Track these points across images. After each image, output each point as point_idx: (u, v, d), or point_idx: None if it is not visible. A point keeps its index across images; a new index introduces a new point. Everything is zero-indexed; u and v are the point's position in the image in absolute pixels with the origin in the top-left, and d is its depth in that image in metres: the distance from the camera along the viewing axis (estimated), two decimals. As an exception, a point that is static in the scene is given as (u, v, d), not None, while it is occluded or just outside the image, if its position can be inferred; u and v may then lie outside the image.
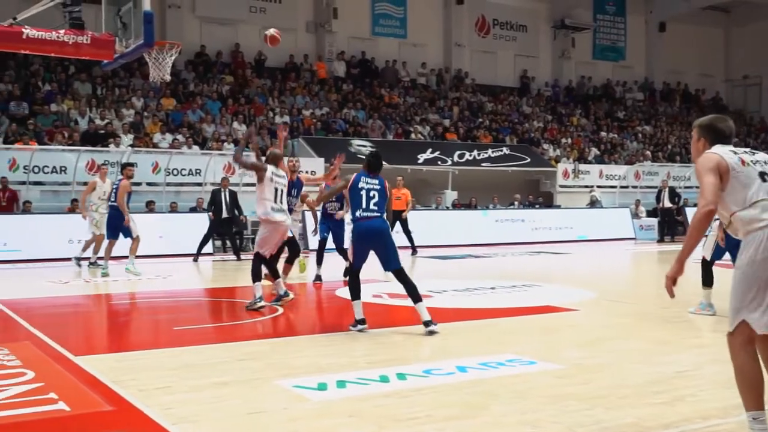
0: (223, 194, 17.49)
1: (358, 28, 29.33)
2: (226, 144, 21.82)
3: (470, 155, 25.53)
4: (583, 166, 27.37)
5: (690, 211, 24.19)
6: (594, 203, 25.77)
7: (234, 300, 10.61)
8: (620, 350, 6.88)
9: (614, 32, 35.18)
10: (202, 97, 24.16)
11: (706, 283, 8.87)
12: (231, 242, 18.06)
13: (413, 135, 26.31)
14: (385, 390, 5.44)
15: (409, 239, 18.24)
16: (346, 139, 24.47)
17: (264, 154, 10.11)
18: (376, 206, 7.73)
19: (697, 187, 4.25)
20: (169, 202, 19.58)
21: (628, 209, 25.45)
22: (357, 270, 7.88)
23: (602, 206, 25.84)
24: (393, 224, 18.18)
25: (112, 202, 13.62)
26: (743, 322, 4.09)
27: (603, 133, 31.33)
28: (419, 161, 24.30)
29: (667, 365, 6.19)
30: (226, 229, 17.90)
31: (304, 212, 13.15)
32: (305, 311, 10.02)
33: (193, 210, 19.38)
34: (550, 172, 26.91)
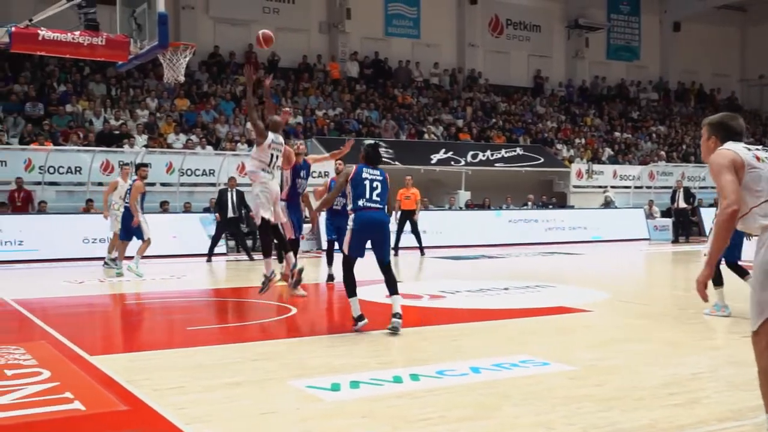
0: (230, 194, 17.48)
1: (372, 28, 29.33)
2: (239, 144, 21.87)
3: (483, 155, 25.48)
4: (596, 167, 27.28)
5: (705, 212, 24.08)
6: (608, 204, 25.67)
7: (247, 300, 10.64)
8: (634, 352, 6.84)
9: (628, 32, 35.02)
10: (216, 98, 24.24)
11: (717, 283, 8.82)
12: (241, 242, 18.03)
13: (426, 135, 26.29)
14: (398, 390, 5.44)
15: (418, 240, 18.19)
16: (359, 139, 24.36)
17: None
18: (378, 197, 7.69)
19: (713, 187, 4.22)
20: (182, 203, 19.66)
21: (642, 210, 25.34)
22: (352, 262, 7.82)
23: (616, 207, 25.74)
24: (403, 224, 18.24)
25: (127, 203, 13.69)
26: (767, 321, 4.04)
27: (617, 134, 31.21)
28: (432, 161, 24.28)
29: (682, 367, 6.16)
30: (234, 228, 17.90)
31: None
32: (318, 311, 10.03)
33: (206, 210, 19.45)
34: (564, 172, 26.83)
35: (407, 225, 18.26)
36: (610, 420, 4.72)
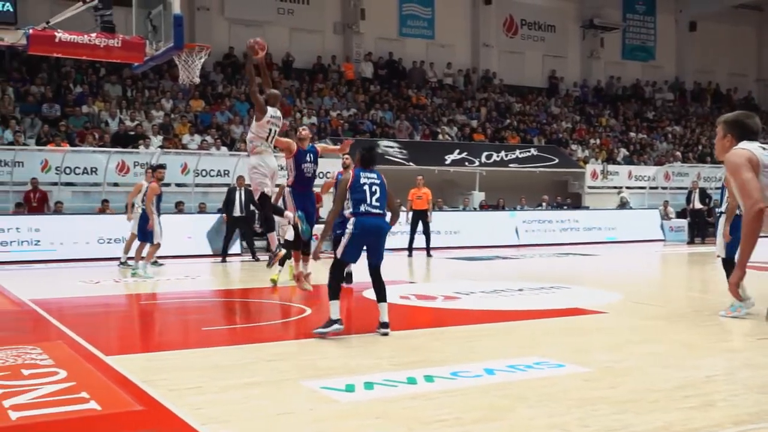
0: (238, 193, 17.39)
1: (386, 29, 29.34)
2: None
3: (498, 156, 25.44)
4: (611, 167, 27.17)
5: (721, 213, 23.88)
6: (623, 205, 25.56)
7: (261, 301, 10.66)
8: (649, 353, 6.81)
9: (644, 32, 34.84)
10: (231, 99, 24.32)
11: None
12: (248, 242, 17.74)
13: (440, 136, 26.28)
14: (412, 392, 5.44)
15: (427, 241, 18.12)
16: (373, 140, 24.48)
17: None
18: (378, 202, 7.62)
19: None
20: (197, 203, 19.74)
21: (658, 210, 25.22)
22: (344, 266, 7.75)
23: (631, 207, 25.63)
24: (416, 224, 18.17)
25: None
26: None
27: (632, 134, 31.07)
28: (446, 162, 24.26)
29: (697, 369, 6.12)
30: (241, 227, 17.74)
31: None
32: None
33: (219, 211, 19.48)
34: (579, 173, 26.74)
35: (419, 225, 18.18)
36: (625, 422, 4.70)
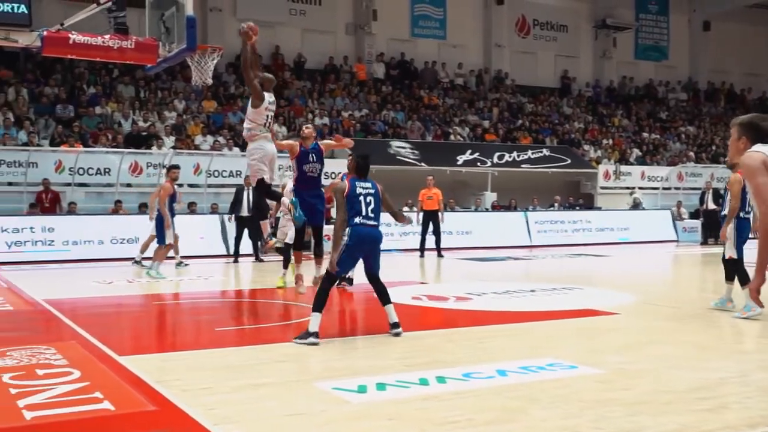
0: (246, 192, 17.15)
1: (398, 29, 29.33)
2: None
3: (510, 156, 25.39)
4: (624, 168, 27.06)
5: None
6: (636, 205, 25.46)
7: (273, 301, 10.68)
8: (662, 355, 6.78)
9: (657, 31, 34.69)
10: (243, 99, 24.36)
11: (730, 278, 9.28)
12: (253, 242, 17.23)
13: (452, 136, 26.25)
14: (424, 393, 5.44)
15: (437, 242, 18.08)
16: (385, 140, 24.50)
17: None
18: (373, 213, 7.59)
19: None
20: (209, 204, 19.79)
21: (670, 211, 25.10)
22: (336, 279, 7.58)
23: (644, 208, 25.53)
24: (427, 225, 18.14)
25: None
26: None
27: (645, 134, 30.94)
28: (458, 162, 24.23)
29: (711, 371, 6.09)
30: (249, 227, 17.45)
31: None
32: (343, 313, 10.04)
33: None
34: (591, 173, 26.65)
35: (430, 225, 18.13)
36: (639, 424, 4.68)
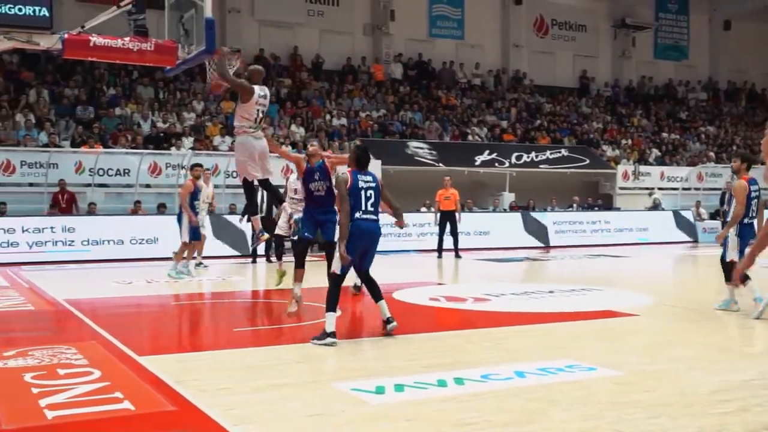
0: (260, 193, 17.03)
1: (415, 29, 29.31)
2: (283, 146, 22.02)
3: (528, 157, 25.31)
4: (643, 168, 26.89)
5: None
6: (656, 206, 25.28)
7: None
8: (682, 357, 6.74)
9: (677, 31, 34.45)
10: (262, 100, 24.42)
11: (730, 279, 9.23)
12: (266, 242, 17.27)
13: (470, 137, 26.21)
14: (443, 394, 5.44)
15: (455, 242, 18.06)
16: (403, 141, 24.49)
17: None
18: (373, 207, 7.58)
19: (766, 189, 4.19)
20: (228, 204, 19.86)
21: (690, 211, 24.93)
22: (343, 277, 7.53)
23: (663, 209, 25.36)
24: (444, 225, 18.12)
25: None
26: None
27: (664, 134, 30.74)
28: (476, 163, 24.18)
29: (732, 373, 6.05)
30: (264, 227, 17.27)
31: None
32: (360, 314, 10.05)
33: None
34: (610, 173, 26.51)
35: (447, 226, 18.10)
36: (659, 427, 4.66)
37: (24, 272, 14.55)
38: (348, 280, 8.01)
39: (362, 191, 7.49)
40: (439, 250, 18.00)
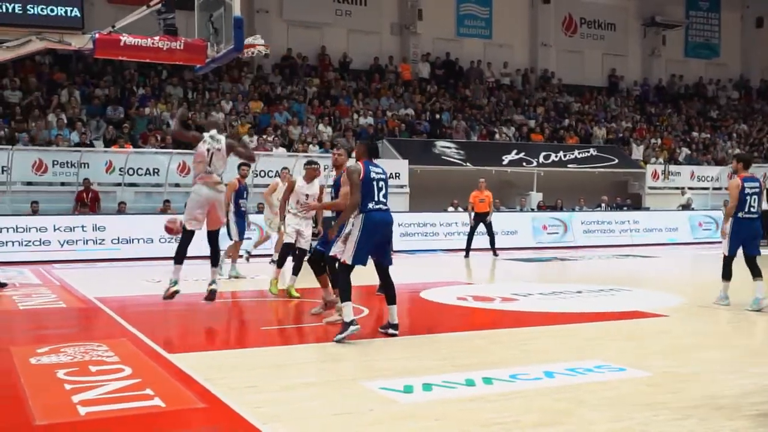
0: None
1: (443, 29, 29.27)
2: (311, 146, 22.13)
3: (556, 156, 25.17)
4: (673, 167, 26.62)
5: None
6: (688, 206, 24.99)
7: (317, 300, 10.70)
8: (712, 359, 6.67)
9: (708, 29, 34.06)
10: (289, 100, 24.56)
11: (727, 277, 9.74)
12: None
13: (498, 136, 26.11)
14: (471, 394, 5.43)
15: (492, 241, 18.10)
16: (430, 140, 24.46)
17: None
18: (385, 198, 7.56)
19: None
20: (256, 203, 19.96)
21: (721, 211, 24.59)
22: (352, 267, 7.42)
23: (693, 209, 25.08)
24: (476, 226, 18.13)
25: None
26: None
27: (695, 133, 30.40)
28: (504, 162, 24.09)
29: (763, 376, 5.97)
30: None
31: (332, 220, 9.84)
32: (385, 314, 10.03)
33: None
34: (639, 173, 26.30)
35: (479, 226, 18.11)
36: (689, 429, 4.61)
37: (55, 270, 14.75)
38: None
39: (374, 182, 7.46)
40: (467, 250, 17.98)
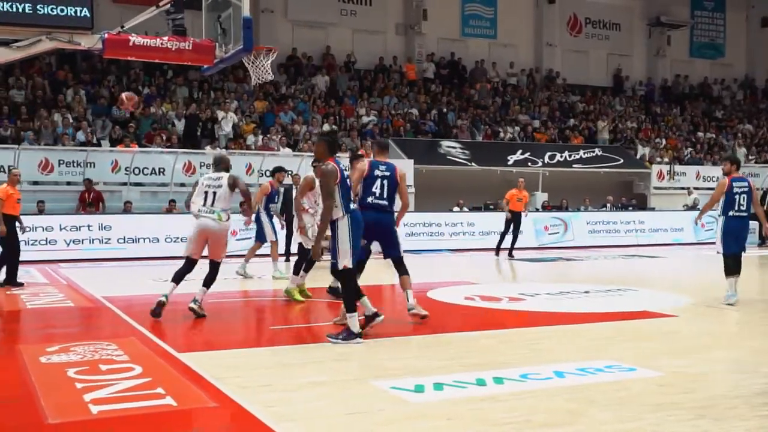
0: (293, 192, 16.88)
1: (448, 29, 29.26)
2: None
3: (561, 156, 25.14)
4: (678, 167, 26.57)
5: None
6: (695, 206, 24.92)
7: (326, 300, 10.73)
8: (723, 359, 6.67)
9: (713, 29, 34.01)
10: (294, 99, 24.57)
11: (729, 273, 9.91)
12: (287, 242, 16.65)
13: (502, 134, 26.10)
14: (482, 393, 5.43)
15: (514, 240, 17.92)
16: (435, 140, 24.46)
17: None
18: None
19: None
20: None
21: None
22: (353, 272, 7.33)
23: (699, 209, 24.99)
24: (509, 224, 17.90)
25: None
26: None
27: (700, 133, 30.36)
28: (509, 162, 24.06)
29: (775, 376, 5.97)
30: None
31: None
32: (395, 313, 10.05)
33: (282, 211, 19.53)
34: (644, 173, 26.25)
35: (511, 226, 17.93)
36: (702, 429, 4.61)
37: (62, 269, 14.77)
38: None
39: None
40: (498, 249, 17.86)
